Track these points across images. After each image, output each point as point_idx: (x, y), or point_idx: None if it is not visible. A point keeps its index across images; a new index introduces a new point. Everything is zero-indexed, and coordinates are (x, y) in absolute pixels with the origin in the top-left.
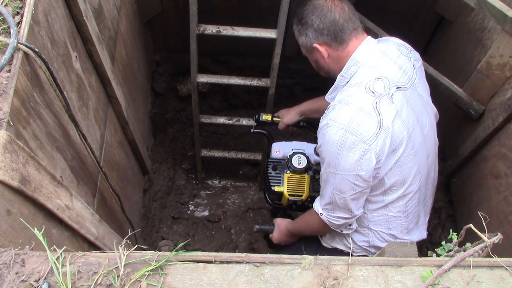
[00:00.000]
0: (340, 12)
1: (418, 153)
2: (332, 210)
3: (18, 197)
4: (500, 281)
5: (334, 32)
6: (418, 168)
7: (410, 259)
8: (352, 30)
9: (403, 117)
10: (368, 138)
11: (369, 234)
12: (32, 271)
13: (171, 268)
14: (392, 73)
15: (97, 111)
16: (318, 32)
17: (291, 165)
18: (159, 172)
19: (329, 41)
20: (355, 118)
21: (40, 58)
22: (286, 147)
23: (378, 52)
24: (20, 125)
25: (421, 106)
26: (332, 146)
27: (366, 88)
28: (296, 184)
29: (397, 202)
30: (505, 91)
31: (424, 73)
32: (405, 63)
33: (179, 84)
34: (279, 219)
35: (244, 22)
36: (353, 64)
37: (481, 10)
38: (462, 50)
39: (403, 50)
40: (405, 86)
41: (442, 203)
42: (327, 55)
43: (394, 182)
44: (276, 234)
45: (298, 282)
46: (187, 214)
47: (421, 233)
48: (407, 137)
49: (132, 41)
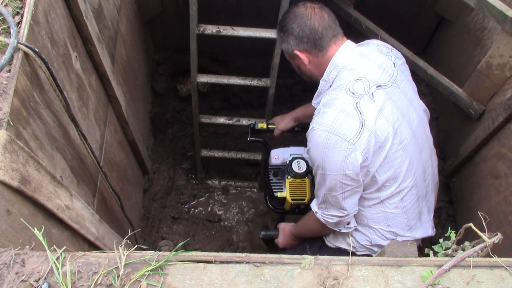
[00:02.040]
0: (320, 20)
1: (407, 148)
2: (326, 209)
3: (18, 197)
4: (500, 281)
5: (314, 39)
6: (410, 163)
7: (410, 259)
8: (331, 37)
9: (386, 114)
10: (351, 138)
11: (370, 232)
12: (32, 271)
13: (171, 268)
14: (372, 72)
15: (97, 111)
16: (298, 39)
17: (291, 170)
18: (159, 172)
19: (309, 48)
20: (337, 119)
21: (40, 58)
22: (285, 153)
23: (356, 54)
24: (20, 125)
25: (406, 102)
26: (318, 148)
27: (346, 89)
28: (298, 188)
29: (392, 198)
30: (505, 91)
31: (407, 71)
32: (385, 62)
33: (179, 84)
34: (283, 224)
35: (244, 22)
36: (333, 68)
37: (481, 10)
38: (462, 50)
39: (383, 50)
40: (386, 84)
41: (442, 203)
42: (308, 61)
43: (386, 178)
44: (281, 239)
45: (298, 282)
46: (187, 214)
47: (426, 230)
48: (392, 133)
49: (132, 41)
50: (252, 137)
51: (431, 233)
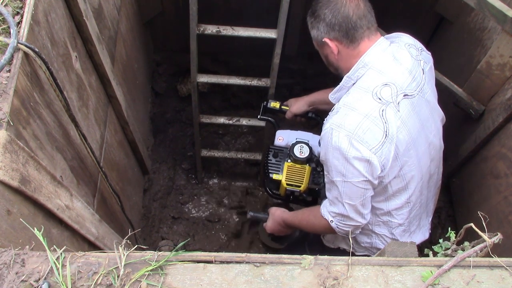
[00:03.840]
0: (355, 8)
1: (421, 161)
2: (344, 218)
3: (18, 197)
4: (500, 281)
5: (346, 28)
6: (420, 176)
7: (410, 259)
8: (366, 29)
9: (409, 126)
10: (373, 147)
11: (373, 236)
12: (32, 271)
13: (171, 268)
14: (401, 79)
15: (97, 111)
16: (329, 26)
17: (292, 153)
18: (159, 172)
19: (340, 37)
20: (361, 125)
21: (40, 58)
22: (290, 135)
23: (388, 55)
24: (20, 125)
25: (428, 113)
26: (338, 153)
27: (373, 94)
28: (295, 174)
29: (401, 210)
30: (505, 91)
31: (433, 75)
32: (415, 68)
33: (179, 84)
34: (274, 208)
35: (244, 22)
36: (361, 66)
37: (481, 10)
38: (462, 50)
39: (413, 53)
40: (413, 94)
41: (442, 203)
42: (337, 51)
43: (397, 189)
44: (270, 223)
45: (298, 282)
46: (187, 214)
47: (424, 234)
48: (412, 145)
49: (132, 41)
50: (263, 115)
51: (427, 237)
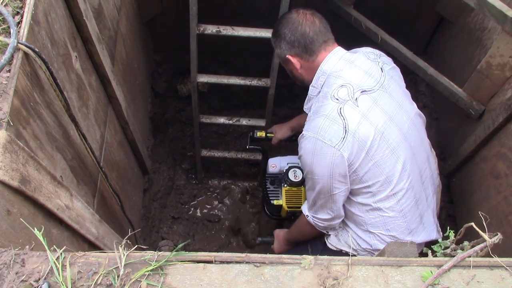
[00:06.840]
0: (311, 25)
1: (397, 151)
2: (316, 212)
3: (18, 197)
4: (500, 281)
5: (305, 44)
6: (403, 166)
7: (410, 259)
8: (322, 43)
9: (372, 118)
10: (336, 143)
11: (370, 237)
12: (32, 271)
13: (171, 268)
14: (356, 78)
15: (97, 111)
16: (290, 44)
17: (287, 179)
18: (159, 172)
19: (300, 52)
20: (322, 126)
21: (40, 58)
22: (282, 161)
23: (343, 61)
24: (20, 125)
25: (395, 106)
26: (307, 154)
27: (331, 96)
28: (294, 196)
29: (388, 201)
30: (505, 91)
31: (398, 75)
32: (372, 67)
33: (179, 84)
34: (277, 230)
35: (244, 22)
36: (321, 74)
37: (481, 10)
38: (462, 50)
39: (371, 56)
40: (372, 89)
41: (442, 203)
42: (300, 66)
43: (378, 182)
44: (276, 245)
45: (298, 282)
46: (187, 214)
47: (429, 234)
48: (378, 136)
49: (132, 41)
50: (251, 145)
51: (435, 237)
